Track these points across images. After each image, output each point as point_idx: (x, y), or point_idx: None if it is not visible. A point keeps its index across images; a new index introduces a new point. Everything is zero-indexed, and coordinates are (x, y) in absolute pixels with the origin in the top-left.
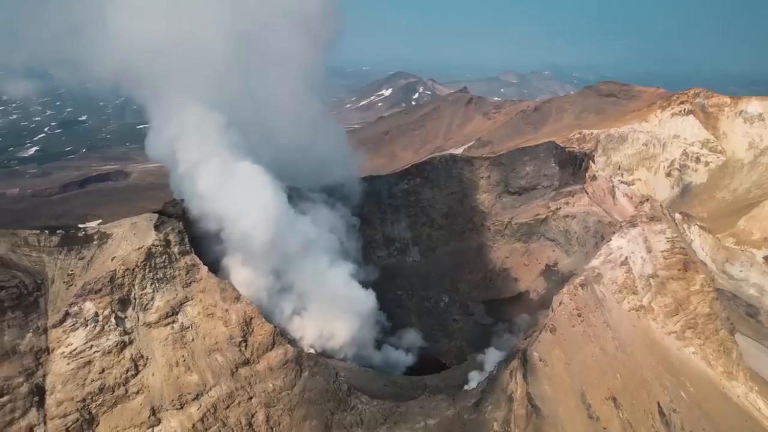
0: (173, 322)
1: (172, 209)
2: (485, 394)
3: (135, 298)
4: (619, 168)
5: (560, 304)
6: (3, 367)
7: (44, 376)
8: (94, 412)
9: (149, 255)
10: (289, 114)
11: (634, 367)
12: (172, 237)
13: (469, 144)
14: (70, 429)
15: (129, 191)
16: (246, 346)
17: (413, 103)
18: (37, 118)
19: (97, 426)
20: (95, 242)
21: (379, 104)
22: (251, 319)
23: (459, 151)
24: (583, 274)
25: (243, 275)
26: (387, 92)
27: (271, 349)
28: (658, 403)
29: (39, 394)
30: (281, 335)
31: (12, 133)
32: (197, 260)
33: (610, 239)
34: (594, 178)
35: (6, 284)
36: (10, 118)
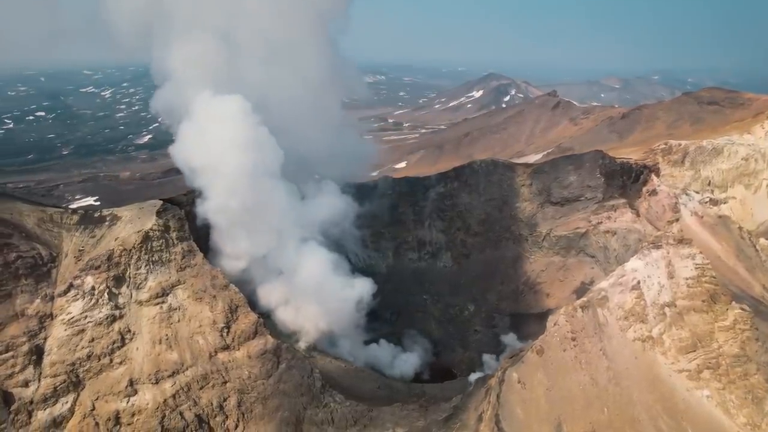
0: (163, 302)
1: (183, 198)
2: (457, 410)
3: (129, 277)
4: (710, 184)
5: (554, 324)
6: (12, 326)
7: (45, 339)
8: (81, 376)
9: (146, 238)
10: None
11: (627, 403)
12: (172, 223)
13: (548, 150)
14: (58, 389)
15: None
16: (228, 332)
17: (503, 105)
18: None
19: (82, 389)
20: (107, 223)
21: (468, 105)
22: (237, 307)
23: (538, 157)
24: (587, 295)
25: (224, 247)
26: (477, 94)
27: (252, 338)
28: None
29: (38, 354)
30: (264, 326)
31: (133, 122)
32: (194, 247)
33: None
34: (654, 192)
35: (24, 254)
36: (133, 108)
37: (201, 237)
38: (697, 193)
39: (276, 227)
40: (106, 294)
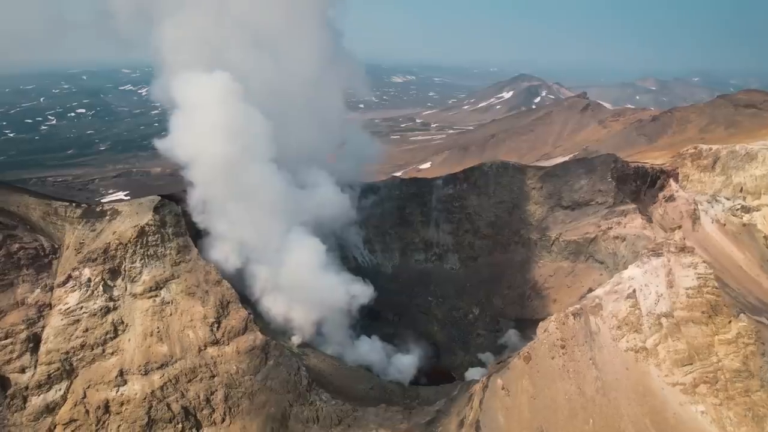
0: (156, 296)
1: (183, 194)
2: (440, 414)
3: (125, 270)
4: (741, 190)
5: (544, 331)
6: (12, 314)
7: (43, 327)
8: (74, 365)
9: (142, 233)
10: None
11: (613, 415)
12: (168, 219)
13: (575, 153)
14: (52, 376)
15: None
16: (218, 327)
17: (533, 107)
18: None
19: (75, 377)
20: (107, 217)
21: (498, 107)
22: (228, 303)
23: (564, 159)
24: (581, 302)
25: (214, 237)
26: (507, 95)
27: (242, 334)
28: None
29: (35, 342)
30: (254, 322)
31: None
32: (190, 242)
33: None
34: (671, 198)
35: (26, 245)
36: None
37: (200, 232)
38: (728, 199)
39: (267, 217)
40: (101, 286)
